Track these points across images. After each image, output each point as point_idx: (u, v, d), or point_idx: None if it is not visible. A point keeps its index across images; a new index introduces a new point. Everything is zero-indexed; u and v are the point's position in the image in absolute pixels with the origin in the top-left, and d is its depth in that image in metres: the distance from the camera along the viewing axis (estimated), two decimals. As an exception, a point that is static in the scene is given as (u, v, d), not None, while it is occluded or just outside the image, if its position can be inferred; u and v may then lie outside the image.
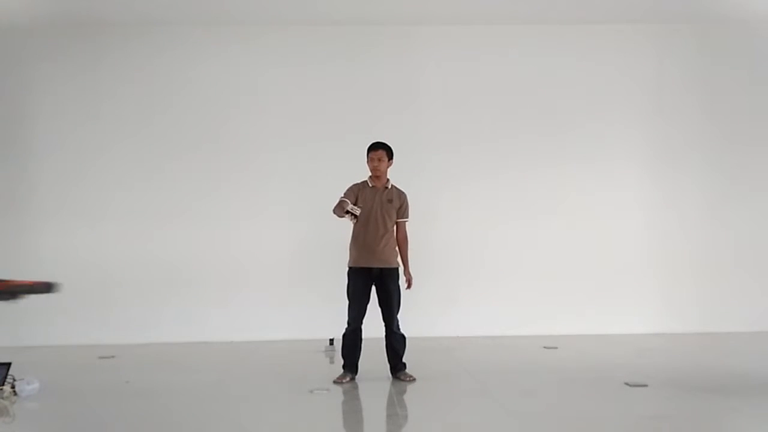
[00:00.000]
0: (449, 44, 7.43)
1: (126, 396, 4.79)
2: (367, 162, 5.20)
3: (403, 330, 5.17)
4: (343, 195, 5.08)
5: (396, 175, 5.33)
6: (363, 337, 5.11)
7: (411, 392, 4.87)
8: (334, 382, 5.03)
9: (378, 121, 7.16)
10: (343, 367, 5.13)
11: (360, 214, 5.03)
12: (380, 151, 5.16)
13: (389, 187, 5.21)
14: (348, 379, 5.07)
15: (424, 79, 7.41)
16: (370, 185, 5.18)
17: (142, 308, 7.09)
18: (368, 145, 5.23)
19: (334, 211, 5.03)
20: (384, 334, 5.15)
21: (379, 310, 5.13)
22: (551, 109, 7.42)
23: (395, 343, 5.15)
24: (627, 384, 4.85)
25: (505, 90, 7.41)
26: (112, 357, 6.26)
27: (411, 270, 5.23)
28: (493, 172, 7.35)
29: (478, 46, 7.44)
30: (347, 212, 4.94)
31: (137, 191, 7.24)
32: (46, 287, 4.12)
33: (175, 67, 7.35)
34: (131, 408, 4.48)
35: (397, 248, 5.19)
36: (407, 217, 5.25)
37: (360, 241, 5.09)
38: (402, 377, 5.12)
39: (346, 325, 5.11)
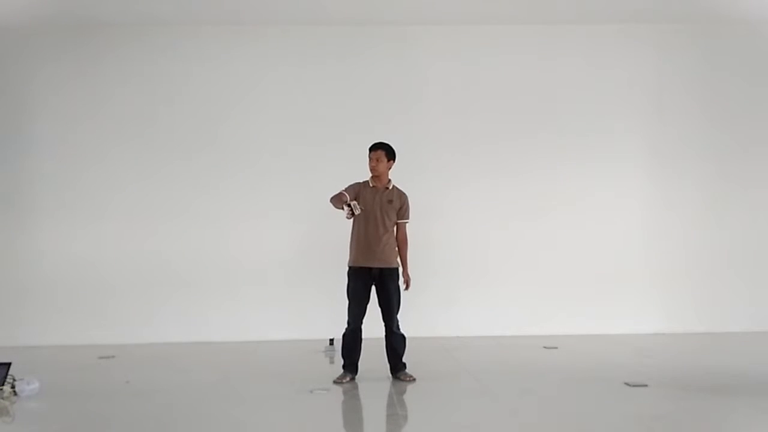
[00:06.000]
0: (450, 44, 7.43)
1: (126, 396, 4.79)
2: (368, 162, 5.20)
3: (403, 330, 5.18)
4: (343, 189, 5.08)
5: (397, 175, 5.32)
6: (363, 337, 5.12)
7: (411, 392, 4.87)
8: (334, 382, 5.03)
9: (378, 121, 7.15)
10: (343, 367, 5.14)
11: (360, 213, 5.02)
12: (379, 151, 5.16)
13: (390, 187, 5.21)
14: (348, 379, 5.07)
15: (424, 80, 7.40)
16: (371, 185, 5.18)
17: (142, 308, 7.09)
18: (369, 145, 5.24)
19: (331, 200, 5.03)
20: (384, 334, 5.15)
21: (379, 310, 5.13)
22: (551, 109, 7.42)
23: (395, 343, 5.15)
24: (627, 384, 4.85)
25: (506, 90, 7.41)
26: (112, 357, 6.26)
27: (410, 271, 5.24)
28: (493, 173, 7.35)
29: (478, 46, 7.44)
30: (348, 205, 4.92)
31: (137, 191, 7.24)
32: None
33: (174, 67, 7.35)
34: (131, 408, 4.48)
35: (396, 248, 5.19)
36: (407, 219, 5.24)
37: (360, 241, 5.09)
38: (402, 377, 5.12)
39: (346, 325, 5.12)
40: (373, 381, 5.10)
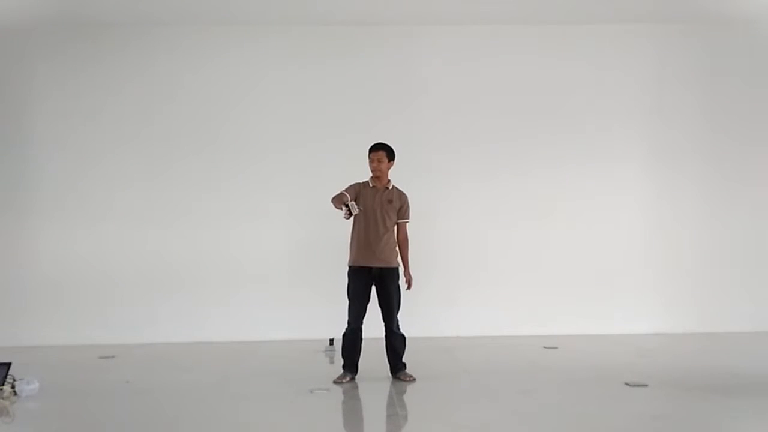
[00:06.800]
0: (449, 44, 7.43)
1: (126, 396, 4.80)
2: (369, 163, 5.21)
3: (403, 330, 5.18)
4: (344, 189, 5.09)
5: (396, 175, 5.33)
6: (363, 337, 5.12)
7: (411, 392, 4.87)
8: (334, 382, 5.03)
9: (378, 121, 7.15)
10: (343, 367, 5.14)
11: (360, 213, 5.04)
12: (380, 152, 5.18)
13: (390, 187, 5.22)
14: (348, 379, 5.07)
15: (424, 80, 7.40)
16: (371, 185, 5.19)
17: (143, 308, 7.09)
18: (369, 146, 5.25)
19: (332, 201, 5.05)
20: (384, 334, 5.15)
21: (379, 310, 5.14)
22: (551, 109, 7.41)
23: (395, 343, 5.16)
24: (627, 384, 4.86)
25: (505, 90, 7.41)
26: (112, 357, 6.26)
27: (411, 270, 5.24)
28: (494, 172, 7.34)
29: (478, 46, 7.44)
30: (345, 205, 4.94)
31: (137, 191, 7.23)
32: None
33: (175, 67, 7.34)
34: (131, 408, 4.48)
35: (397, 248, 5.20)
36: (408, 218, 5.25)
37: (360, 241, 5.10)
38: (402, 377, 5.13)
39: (346, 325, 5.12)
40: (373, 381, 5.10)
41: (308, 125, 7.31)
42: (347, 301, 5.12)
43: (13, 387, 4.67)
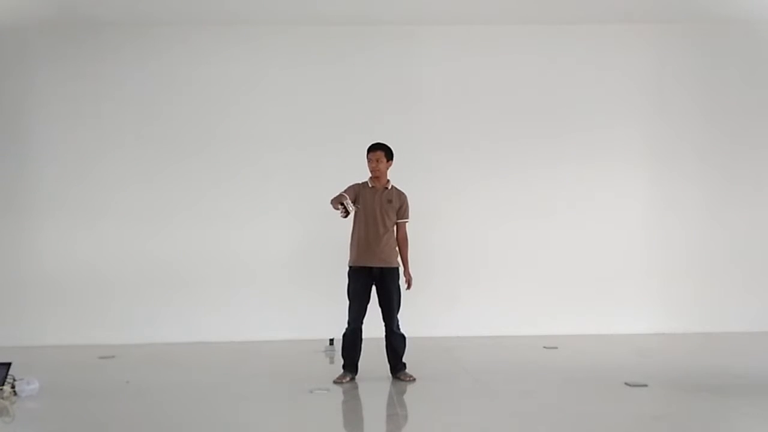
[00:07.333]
0: (449, 44, 7.43)
1: (126, 396, 4.80)
2: (367, 163, 5.21)
3: (403, 330, 5.18)
4: (343, 190, 5.09)
5: (396, 175, 5.33)
6: (363, 337, 5.12)
7: (411, 392, 4.87)
8: (334, 382, 5.03)
9: (378, 121, 7.14)
10: (343, 367, 5.14)
11: (360, 213, 5.05)
12: (379, 151, 5.18)
13: (389, 187, 5.22)
14: (348, 379, 5.07)
15: (424, 80, 7.40)
16: (371, 185, 5.19)
17: (142, 308, 7.09)
18: (367, 146, 5.25)
19: (331, 202, 5.04)
20: (384, 334, 5.15)
21: (379, 309, 5.14)
22: (551, 109, 7.41)
23: (395, 343, 5.16)
24: (627, 384, 4.86)
25: (505, 90, 7.41)
26: (112, 357, 6.26)
27: (411, 270, 5.25)
28: (494, 173, 7.34)
29: (478, 46, 7.44)
30: (341, 204, 4.92)
31: (137, 191, 7.23)
32: None
33: (175, 67, 7.34)
34: (131, 408, 4.48)
35: (397, 248, 5.20)
36: (407, 218, 5.26)
37: (360, 241, 5.10)
38: (402, 377, 5.13)
39: (346, 325, 5.12)
40: (373, 381, 5.10)
41: (308, 125, 7.31)
42: (347, 301, 5.12)
43: (13, 387, 4.67)
